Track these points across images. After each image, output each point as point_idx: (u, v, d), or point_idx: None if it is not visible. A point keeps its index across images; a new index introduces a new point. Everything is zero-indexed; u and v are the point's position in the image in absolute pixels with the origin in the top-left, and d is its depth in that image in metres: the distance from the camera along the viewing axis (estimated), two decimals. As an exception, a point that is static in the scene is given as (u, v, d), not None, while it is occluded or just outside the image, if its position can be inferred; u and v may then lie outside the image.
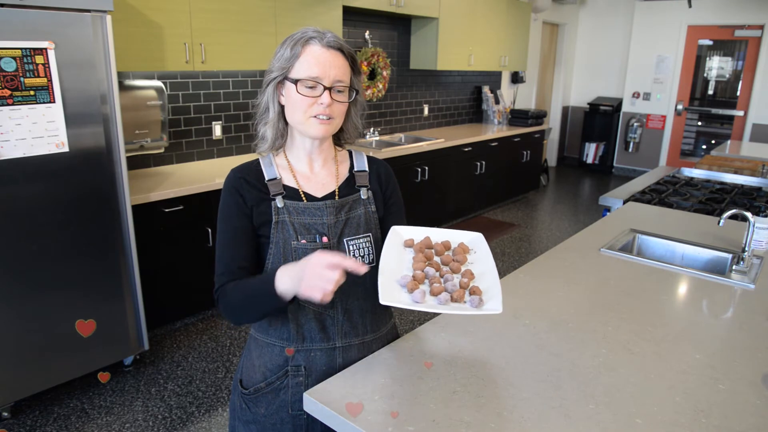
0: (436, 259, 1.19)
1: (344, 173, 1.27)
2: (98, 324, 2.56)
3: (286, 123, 1.22)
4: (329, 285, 0.97)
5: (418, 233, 1.23)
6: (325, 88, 1.12)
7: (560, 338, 1.37)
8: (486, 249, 1.21)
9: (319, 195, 1.22)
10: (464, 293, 1.08)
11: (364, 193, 1.25)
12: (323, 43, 1.13)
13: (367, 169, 1.29)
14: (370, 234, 1.23)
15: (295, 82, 1.12)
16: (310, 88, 1.12)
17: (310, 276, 0.98)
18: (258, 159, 1.24)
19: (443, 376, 1.17)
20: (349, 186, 1.25)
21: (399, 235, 1.21)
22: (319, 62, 1.12)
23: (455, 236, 1.25)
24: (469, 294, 1.08)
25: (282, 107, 1.19)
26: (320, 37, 1.13)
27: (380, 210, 1.27)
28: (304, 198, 1.21)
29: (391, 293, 1.04)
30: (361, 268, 0.98)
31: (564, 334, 1.39)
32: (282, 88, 1.17)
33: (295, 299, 1.05)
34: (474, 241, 1.24)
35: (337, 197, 1.22)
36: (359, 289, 1.23)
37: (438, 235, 1.24)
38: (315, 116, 1.14)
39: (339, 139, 1.30)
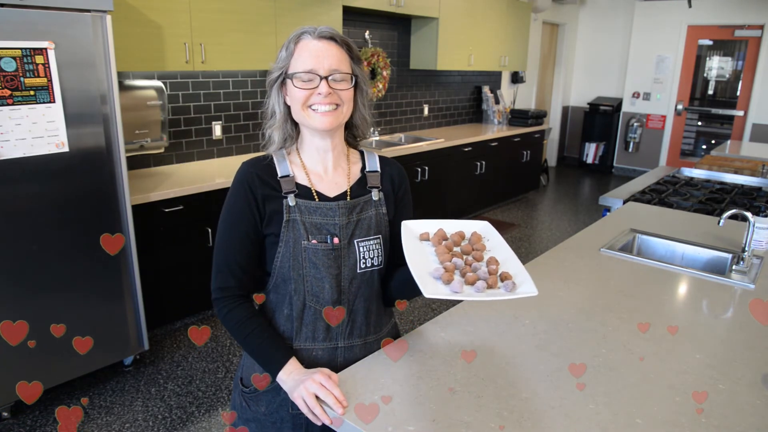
0: (456, 249, 1.18)
1: (356, 173, 1.25)
2: (98, 324, 2.56)
3: (294, 124, 1.21)
4: (309, 413, 1.07)
5: (429, 226, 1.21)
6: (322, 78, 1.11)
7: (560, 338, 1.37)
8: (498, 237, 1.20)
9: (332, 195, 1.21)
10: (497, 279, 1.08)
11: (375, 195, 1.24)
12: (315, 35, 1.13)
13: (379, 169, 1.27)
14: (380, 236, 1.22)
15: (292, 77, 1.13)
16: (308, 81, 1.12)
17: (306, 390, 1.07)
18: (271, 154, 1.22)
19: (443, 376, 1.17)
20: (360, 187, 1.24)
21: (410, 229, 1.19)
22: (312, 54, 1.12)
23: (464, 227, 1.24)
24: (501, 280, 1.08)
25: (288, 108, 1.19)
26: (312, 30, 1.13)
27: (391, 212, 1.26)
28: (316, 197, 1.19)
29: (432, 286, 1.04)
30: (338, 409, 1.05)
31: (564, 334, 1.39)
32: (285, 89, 1.17)
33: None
34: (483, 230, 1.23)
35: (348, 198, 1.21)
36: (366, 290, 1.23)
37: (448, 226, 1.23)
38: (312, 107, 1.13)
39: (353, 137, 1.28)
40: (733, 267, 1.87)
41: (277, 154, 1.22)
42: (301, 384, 1.08)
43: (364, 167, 1.27)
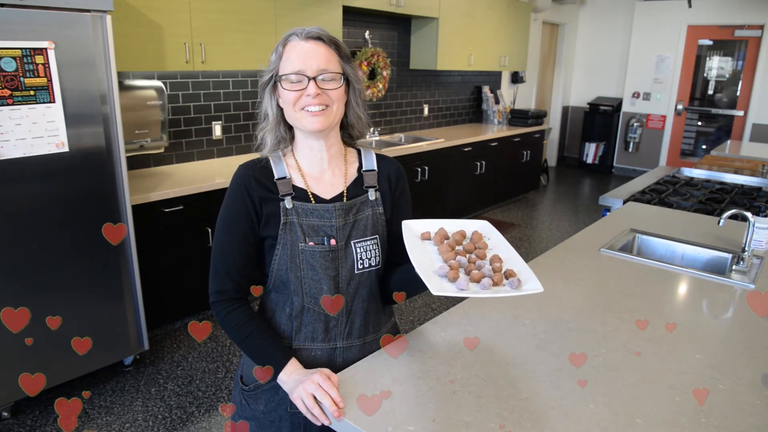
0: (458, 248, 1.18)
1: (353, 173, 1.25)
2: (98, 324, 2.56)
3: (288, 126, 1.21)
4: (307, 413, 1.07)
5: (429, 226, 1.21)
6: (310, 79, 1.11)
7: (560, 338, 1.37)
8: (499, 235, 1.20)
9: (328, 196, 1.21)
10: (502, 277, 1.09)
11: (372, 194, 1.23)
12: (303, 36, 1.13)
13: (375, 168, 1.26)
14: (377, 236, 1.22)
15: (281, 79, 1.13)
16: (297, 82, 1.12)
17: (305, 391, 1.07)
18: (267, 156, 1.22)
19: (443, 376, 1.17)
20: (357, 187, 1.24)
21: (411, 229, 1.19)
22: (300, 55, 1.12)
23: (464, 226, 1.24)
24: (506, 277, 1.09)
25: (281, 110, 1.19)
26: (300, 32, 1.14)
27: (388, 212, 1.26)
28: (312, 199, 1.20)
29: (438, 284, 1.04)
30: (334, 411, 1.05)
31: (564, 334, 1.39)
32: (276, 91, 1.17)
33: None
34: (484, 229, 1.23)
35: (345, 199, 1.21)
36: (364, 290, 1.23)
37: (449, 225, 1.23)
38: (304, 109, 1.13)
39: (350, 137, 1.28)
40: (733, 267, 1.87)
41: (273, 156, 1.22)
42: (300, 385, 1.09)
43: (361, 166, 1.26)
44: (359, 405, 1.06)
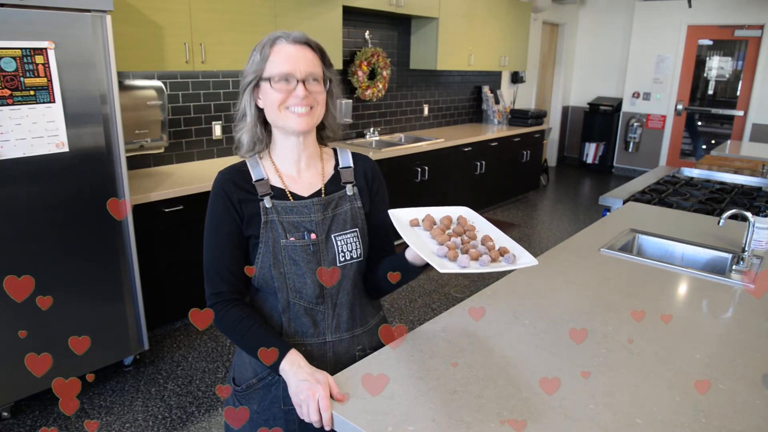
0: (449, 231, 1.23)
1: (330, 171, 1.29)
2: (98, 324, 2.56)
3: (265, 127, 1.23)
4: (305, 416, 1.05)
5: (415, 213, 1.27)
6: (299, 81, 1.14)
7: (560, 338, 1.37)
8: (482, 219, 1.29)
9: (306, 194, 1.24)
10: (498, 254, 1.14)
11: (349, 190, 1.27)
12: (290, 40, 1.16)
13: (352, 165, 1.30)
14: (357, 229, 1.25)
15: (269, 80, 1.15)
16: (284, 83, 1.14)
17: (307, 399, 1.05)
18: (244, 161, 1.25)
19: (443, 376, 1.17)
20: (334, 183, 1.27)
21: (399, 218, 1.23)
22: (289, 58, 1.14)
23: (447, 212, 1.30)
24: (500, 254, 1.14)
25: (260, 110, 1.21)
26: (286, 35, 1.16)
27: (366, 206, 1.29)
28: (291, 197, 1.22)
29: (442, 263, 1.09)
30: (327, 426, 1.05)
31: (564, 334, 1.39)
32: (258, 92, 1.19)
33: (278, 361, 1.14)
34: (467, 214, 1.31)
35: (323, 195, 1.24)
36: (348, 283, 1.25)
37: (434, 212, 1.29)
38: (289, 108, 1.15)
39: (322, 137, 1.31)
40: (733, 267, 1.87)
41: (250, 159, 1.25)
42: (301, 393, 1.07)
43: (337, 164, 1.30)
44: (364, 384, 1.07)
